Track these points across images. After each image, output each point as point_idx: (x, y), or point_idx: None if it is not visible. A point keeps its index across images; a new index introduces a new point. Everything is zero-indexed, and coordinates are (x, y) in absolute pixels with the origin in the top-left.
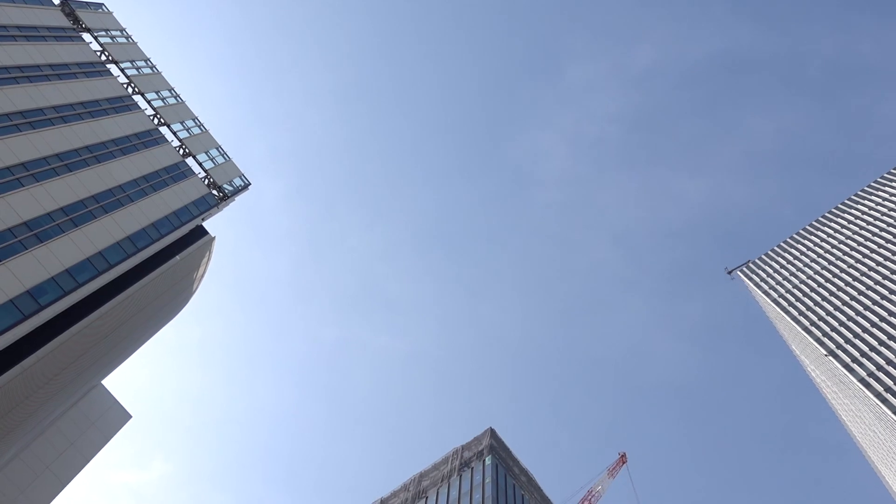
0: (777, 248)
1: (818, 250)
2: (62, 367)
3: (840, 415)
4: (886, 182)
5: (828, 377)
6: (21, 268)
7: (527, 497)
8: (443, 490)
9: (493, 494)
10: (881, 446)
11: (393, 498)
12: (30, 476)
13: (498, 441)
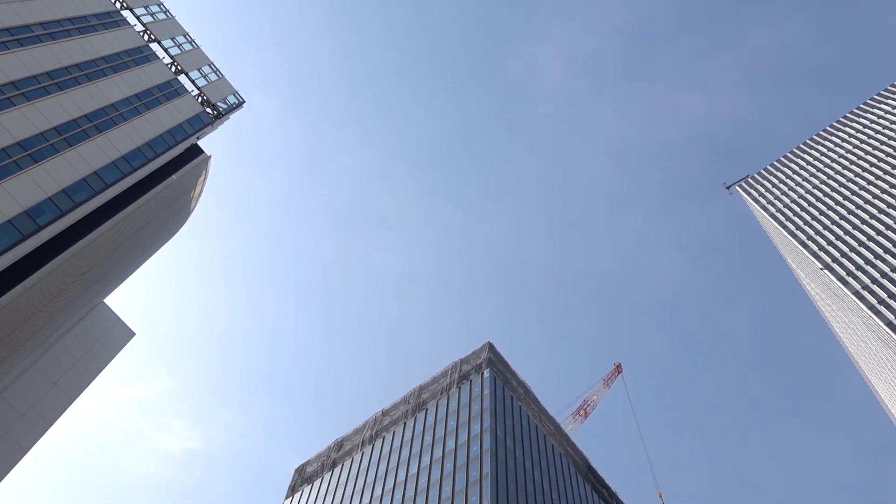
0: (776, 163)
1: (817, 164)
2: (64, 286)
3: (833, 328)
4: (888, 96)
5: (822, 290)
6: (18, 188)
7: (524, 408)
8: (442, 402)
9: (491, 406)
10: (872, 357)
11: (393, 410)
12: (38, 392)
13: (496, 355)
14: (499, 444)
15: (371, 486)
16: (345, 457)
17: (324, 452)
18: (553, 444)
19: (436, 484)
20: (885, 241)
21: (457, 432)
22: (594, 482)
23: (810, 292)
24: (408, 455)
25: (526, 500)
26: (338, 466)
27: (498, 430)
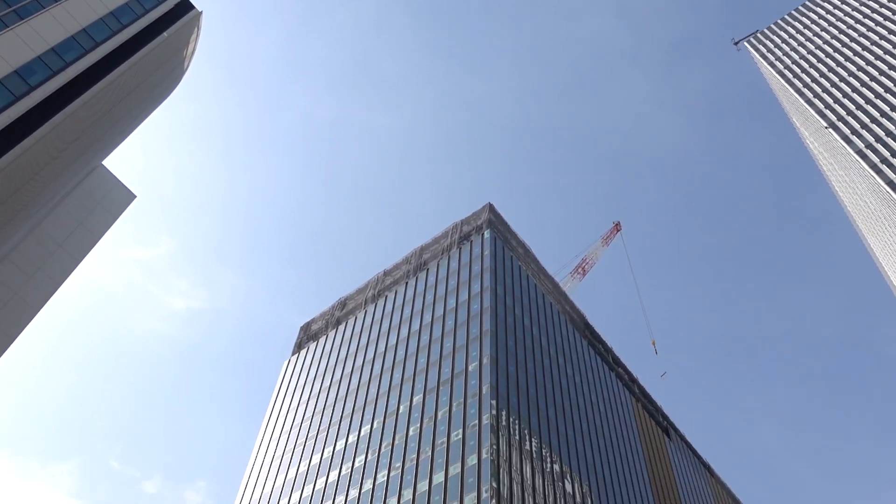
0: (787, 17)
1: (828, 19)
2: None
3: (834, 187)
4: None
5: (826, 150)
6: (5, 47)
7: (523, 267)
8: (443, 262)
9: (491, 266)
10: (871, 217)
11: (395, 270)
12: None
13: (496, 215)
14: (498, 302)
15: (374, 343)
16: (348, 315)
17: (328, 311)
18: (551, 301)
19: (437, 340)
20: (892, 98)
21: (457, 291)
22: (591, 338)
23: (813, 151)
24: (409, 313)
25: (524, 356)
26: (342, 324)
27: (498, 288)
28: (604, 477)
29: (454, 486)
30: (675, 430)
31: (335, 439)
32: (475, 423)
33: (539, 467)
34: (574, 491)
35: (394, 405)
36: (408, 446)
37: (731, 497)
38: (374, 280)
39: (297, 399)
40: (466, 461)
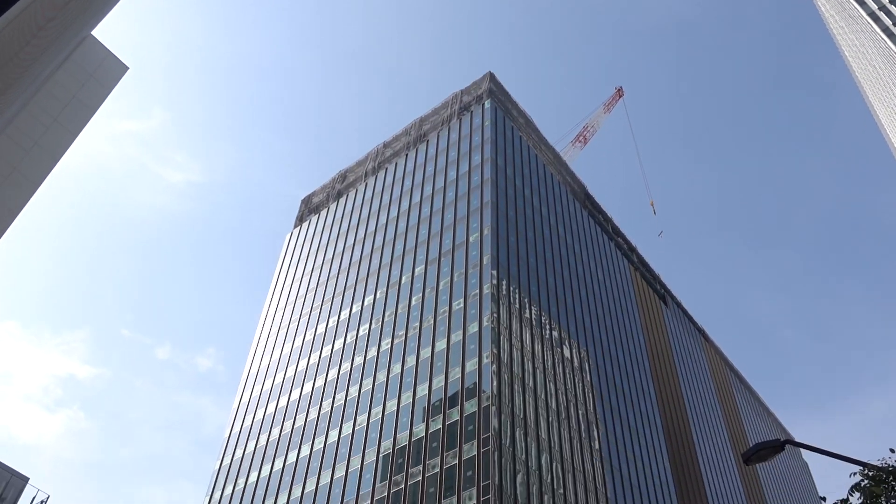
0: None
1: None
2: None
3: (844, 53)
4: None
5: (837, 13)
6: None
7: (524, 138)
8: (443, 133)
9: (491, 136)
10: (878, 82)
11: (395, 142)
12: (40, 128)
13: (497, 85)
14: (499, 173)
15: (375, 215)
16: (349, 188)
17: (328, 184)
18: (552, 172)
19: (438, 212)
20: None
21: (458, 162)
22: (591, 208)
23: (824, 15)
24: (410, 185)
25: (525, 226)
26: (342, 197)
27: (498, 159)
28: (601, 342)
29: (456, 353)
30: (672, 297)
31: (339, 309)
32: (476, 293)
33: (538, 334)
34: (572, 356)
35: (396, 276)
36: (410, 315)
37: (723, 361)
38: (373, 152)
39: (301, 271)
40: (467, 329)
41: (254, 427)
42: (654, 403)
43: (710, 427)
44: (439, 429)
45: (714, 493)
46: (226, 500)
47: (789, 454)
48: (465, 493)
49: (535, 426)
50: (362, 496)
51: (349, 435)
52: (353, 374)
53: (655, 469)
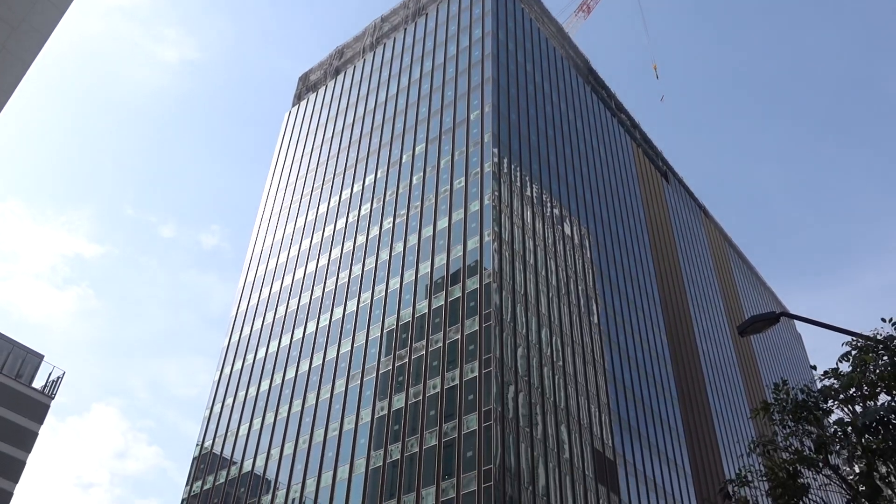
0: None
1: None
2: None
3: None
4: None
5: None
6: None
7: (526, 10)
8: (442, 6)
9: (492, 9)
10: None
11: (393, 16)
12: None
13: None
14: (500, 48)
15: (374, 93)
16: (347, 64)
17: (326, 60)
18: (555, 46)
19: (438, 89)
20: None
21: (458, 37)
22: (594, 83)
23: None
24: (409, 61)
25: (526, 103)
26: (340, 74)
27: (499, 33)
28: (602, 220)
29: (457, 231)
30: (674, 173)
31: (340, 189)
32: (477, 171)
33: (539, 212)
34: (573, 233)
35: (396, 155)
36: (412, 194)
37: (722, 236)
38: (371, 27)
39: (301, 150)
40: (469, 207)
41: (260, 305)
42: (652, 278)
43: (706, 300)
44: (442, 305)
45: (708, 363)
46: (236, 375)
47: (783, 326)
48: (467, 366)
49: (535, 302)
50: (368, 370)
51: (353, 312)
52: (355, 252)
53: (652, 341)
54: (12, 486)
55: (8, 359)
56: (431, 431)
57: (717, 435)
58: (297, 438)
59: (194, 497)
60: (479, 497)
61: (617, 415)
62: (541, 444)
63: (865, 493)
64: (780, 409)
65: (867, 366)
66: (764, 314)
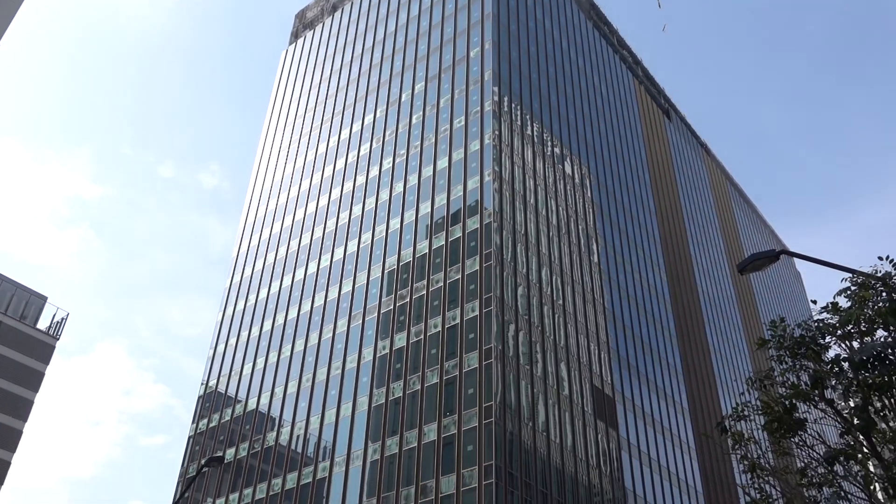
0: None
1: None
2: None
3: None
4: None
5: None
6: None
7: None
8: None
9: None
10: None
11: None
12: None
13: None
14: None
15: (372, 30)
16: (344, 1)
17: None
18: None
19: (437, 26)
20: None
21: None
22: (596, 20)
23: None
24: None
25: (527, 40)
26: (337, 11)
27: None
28: (603, 158)
29: (457, 171)
30: (676, 110)
31: (339, 129)
32: (477, 110)
33: (540, 151)
34: (573, 172)
35: (395, 94)
36: (411, 134)
37: (724, 174)
38: None
39: (299, 90)
40: (469, 147)
41: (261, 245)
42: (653, 217)
43: (706, 238)
44: (442, 245)
45: (707, 301)
46: (238, 315)
47: (782, 264)
48: (468, 306)
49: (535, 241)
50: (369, 309)
51: (354, 252)
52: (355, 193)
53: (652, 280)
54: (21, 425)
55: (11, 300)
56: (433, 370)
57: (714, 372)
58: (301, 377)
59: (200, 434)
60: (480, 433)
61: (616, 353)
62: (541, 381)
63: (859, 426)
64: (777, 346)
65: (866, 302)
66: (764, 252)
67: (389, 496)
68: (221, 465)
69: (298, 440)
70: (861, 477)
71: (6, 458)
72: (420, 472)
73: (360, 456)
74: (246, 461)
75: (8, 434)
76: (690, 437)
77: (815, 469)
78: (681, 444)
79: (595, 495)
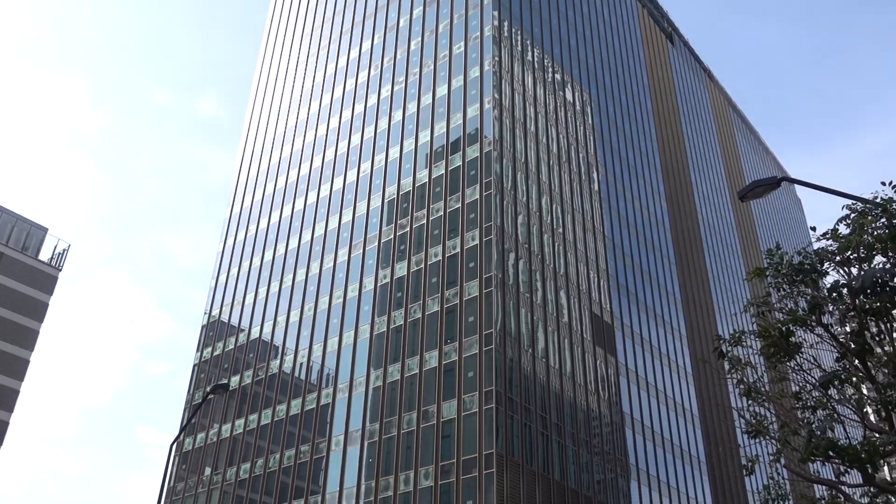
0: None
1: None
2: None
3: None
4: None
5: None
6: None
7: None
8: None
9: None
10: None
11: None
12: None
13: None
14: None
15: None
16: None
17: None
18: None
19: None
20: None
21: None
22: None
23: None
24: None
25: None
26: None
27: None
28: (604, 84)
29: (457, 98)
30: (679, 35)
31: (336, 56)
32: (476, 35)
33: (541, 77)
34: (575, 99)
35: (393, 19)
36: (410, 60)
37: (727, 100)
38: None
39: (294, 15)
40: (469, 73)
41: (260, 175)
42: (654, 144)
43: (707, 165)
44: (442, 174)
45: (707, 227)
46: (239, 245)
47: (783, 190)
48: (468, 235)
49: (535, 170)
50: (370, 238)
51: (354, 182)
52: (354, 122)
53: (652, 207)
54: (28, 355)
55: (12, 232)
56: (434, 298)
57: (713, 298)
58: (303, 306)
59: (205, 363)
60: (481, 360)
61: (615, 280)
62: (540, 308)
63: (855, 350)
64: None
65: (866, 228)
66: (765, 179)
67: (392, 421)
68: (227, 392)
69: (302, 368)
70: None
71: (15, 387)
72: (422, 398)
73: (362, 382)
74: (251, 388)
75: (15, 363)
76: (688, 363)
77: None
78: (678, 369)
79: (593, 419)
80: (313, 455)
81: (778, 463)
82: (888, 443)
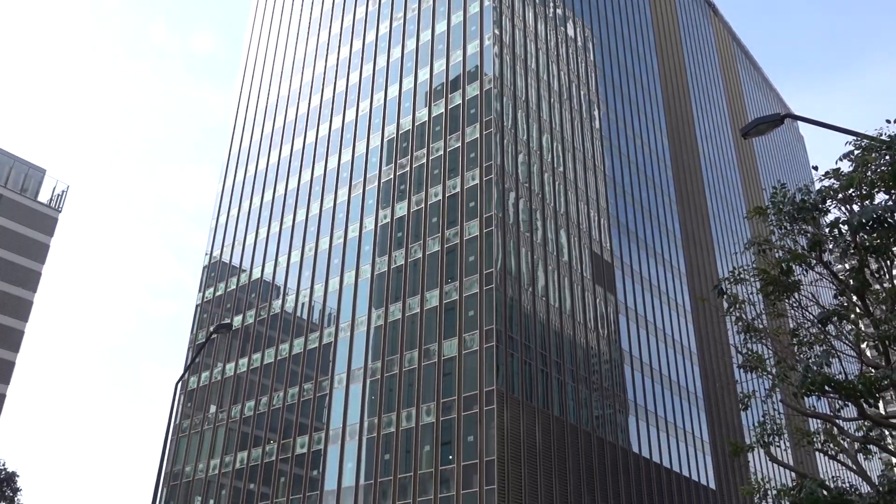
0: None
1: None
2: None
3: None
4: None
5: None
6: None
7: None
8: None
9: None
10: None
11: None
12: None
13: None
14: None
15: None
16: None
17: None
18: None
19: None
20: None
21: None
22: None
23: None
24: None
25: None
26: None
27: None
28: (606, 19)
29: (457, 35)
30: None
31: None
32: None
33: (542, 13)
34: (576, 35)
35: None
36: None
37: (731, 37)
38: None
39: None
40: (468, 9)
41: (258, 114)
42: (656, 80)
43: (710, 101)
44: (442, 113)
45: (709, 165)
46: (239, 185)
47: (785, 127)
48: (468, 174)
49: (536, 108)
50: (369, 178)
51: (353, 121)
52: (352, 59)
53: (653, 144)
54: (31, 296)
55: (10, 174)
56: (434, 238)
57: (713, 236)
58: (304, 246)
59: (208, 303)
60: (481, 298)
61: (616, 219)
62: (540, 248)
63: (853, 287)
64: (776, 211)
65: (868, 166)
66: (768, 116)
67: (394, 359)
68: (230, 331)
69: (303, 307)
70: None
71: (19, 328)
72: (423, 337)
73: (364, 321)
74: (253, 328)
75: (19, 304)
76: (687, 300)
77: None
78: (677, 307)
79: (593, 357)
80: (316, 393)
81: (773, 397)
82: (884, 377)
